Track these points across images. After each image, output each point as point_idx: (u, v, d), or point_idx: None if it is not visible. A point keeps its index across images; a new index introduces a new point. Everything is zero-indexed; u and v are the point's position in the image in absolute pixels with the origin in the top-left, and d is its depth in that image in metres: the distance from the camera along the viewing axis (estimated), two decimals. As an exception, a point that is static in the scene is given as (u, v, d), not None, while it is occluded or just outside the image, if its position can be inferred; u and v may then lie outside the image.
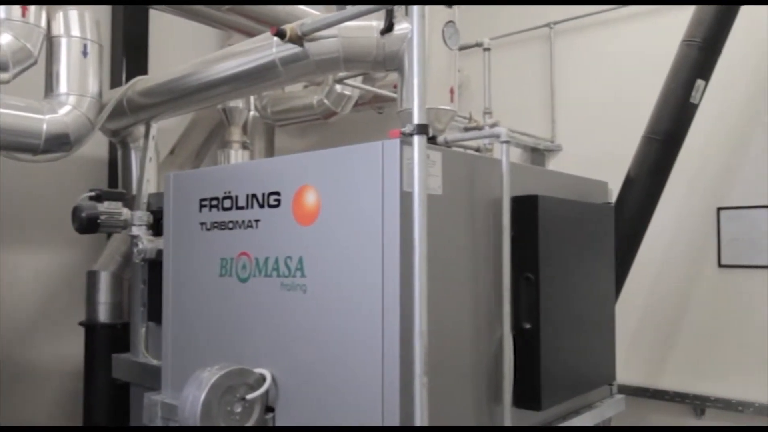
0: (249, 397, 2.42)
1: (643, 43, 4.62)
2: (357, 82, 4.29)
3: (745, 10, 3.63)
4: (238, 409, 2.40)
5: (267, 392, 2.46)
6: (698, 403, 4.31)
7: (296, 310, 2.43)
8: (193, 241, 2.87)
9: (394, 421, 2.10)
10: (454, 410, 2.35)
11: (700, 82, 3.55)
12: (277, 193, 2.51)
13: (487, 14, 5.35)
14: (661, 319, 4.53)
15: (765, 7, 4.13)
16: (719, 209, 4.33)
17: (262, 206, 2.57)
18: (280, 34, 2.53)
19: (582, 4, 4.86)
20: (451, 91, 2.61)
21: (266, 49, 2.92)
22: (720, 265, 4.32)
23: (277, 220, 2.51)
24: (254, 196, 2.60)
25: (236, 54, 3.14)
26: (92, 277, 4.06)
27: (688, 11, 3.68)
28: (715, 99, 4.02)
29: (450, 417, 2.32)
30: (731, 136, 4.29)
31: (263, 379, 2.47)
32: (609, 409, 3.32)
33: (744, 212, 4.24)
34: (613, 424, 3.60)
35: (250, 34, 3.66)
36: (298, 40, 2.55)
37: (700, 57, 3.54)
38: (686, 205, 4.42)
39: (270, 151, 5.24)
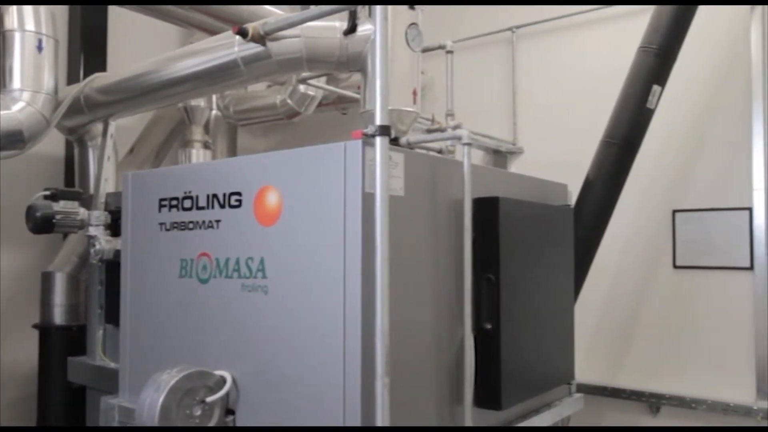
0: (209, 399, 2.39)
1: (602, 48, 4.72)
2: (320, 82, 4.27)
3: (699, 18, 3.73)
4: (198, 412, 2.37)
5: (227, 394, 2.44)
6: (654, 400, 4.41)
7: (257, 311, 2.41)
8: (152, 242, 2.83)
9: (356, 422, 2.10)
10: (415, 410, 2.36)
11: (656, 88, 3.63)
12: (239, 194, 2.49)
13: (451, 17, 5.40)
14: (618, 319, 4.62)
15: (719, 15, 4.26)
16: (674, 212, 4.44)
17: (223, 206, 2.55)
18: (242, 33, 2.50)
19: (543, 4, 4.93)
20: (414, 93, 2.63)
21: (228, 47, 2.88)
22: (675, 267, 4.44)
23: (239, 221, 2.49)
24: (215, 196, 2.57)
25: (198, 52, 3.10)
26: (47, 279, 3.96)
27: (646, 18, 3.77)
28: (671, 104, 4.13)
29: (411, 417, 2.33)
30: (686, 140, 4.41)
31: (224, 381, 2.44)
32: (568, 408, 3.38)
33: (698, 215, 4.36)
34: (572, 422, 3.66)
35: (213, 32, 3.62)
36: (260, 39, 2.53)
37: (656, 63, 3.62)
38: (643, 207, 4.52)
39: (232, 151, 5.18)
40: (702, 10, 3.75)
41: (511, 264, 2.68)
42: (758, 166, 4.08)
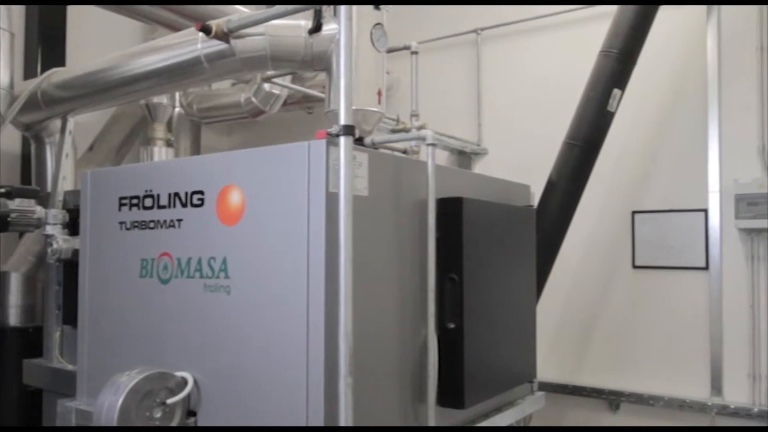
0: (170, 401, 2.35)
1: (565, 51, 4.79)
2: (286, 81, 4.25)
3: (658, 24, 3.82)
4: (158, 414, 2.34)
5: (189, 396, 2.41)
6: (613, 398, 4.50)
7: (220, 311, 2.39)
8: (111, 241, 2.77)
9: (319, 422, 2.10)
10: (378, 410, 2.37)
11: (616, 91, 3.71)
12: (201, 192, 2.46)
13: (417, 18, 5.42)
14: (579, 318, 4.71)
15: (677, 21, 4.36)
16: (634, 213, 4.54)
17: (184, 205, 2.51)
18: (206, 30, 2.47)
19: (507, 4, 4.99)
20: (379, 93, 2.63)
21: (191, 44, 2.85)
22: (634, 266, 4.53)
23: (201, 220, 2.46)
24: (177, 195, 2.53)
25: (160, 48, 3.06)
26: (2, 279, 3.86)
27: (608, 23, 3.84)
28: (631, 108, 4.22)
29: (375, 417, 2.33)
30: (645, 143, 4.51)
31: (185, 382, 2.41)
32: (530, 406, 3.42)
33: (656, 216, 4.46)
34: (534, 420, 3.71)
35: (176, 28, 3.57)
36: (224, 36, 2.50)
37: (617, 67, 3.70)
38: (604, 208, 4.61)
39: (196, 149, 5.12)
40: (660, 16, 3.84)
41: (475, 264, 2.70)
42: (713, 168, 4.20)
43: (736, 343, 4.11)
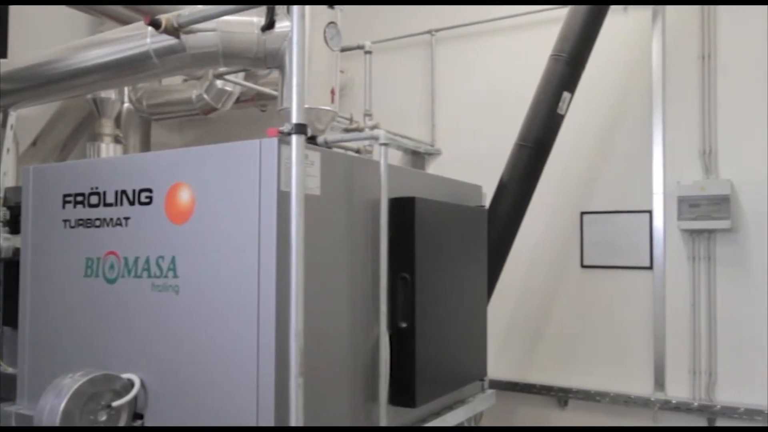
0: (115, 404, 2.29)
1: (517, 54, 4.87)
2: (239, 78, 4.19)
3: (605, 29, 3.93)
4: (103, 418, 2.28)
5: (135, 398, 2.35)
6: (562, 395, 4.60)
7: (168, 311, 2.35)
8: (55, 240, 2.69)
9: (269, 422, 2.08)
10: (330, 409, 2.36)
11: (566, 94, 3.79)
12: (149, 190, 2.41)
13: (372, 18, 5.42)
14: (529, 317, 4.79)
15: (624, 28, 4.49)
16: (582, 213, 4.65)
17: (132, 203, 2.46)
18: (155, 24, 2.43)
19: (460, 4, 5.04)
20: (332, 92, 2.62)
21: (140, 38, 2.79)
22: (582, 266, 4.64)
23: (149, 218, 2.41)
24: (124, 192, 2.48)
25: (108, 42, 2.98)
26: (-63, 279, 3.68)
27: (560, 27, 3.92)
28: (580, 111, 4.32)
29: (326, 416, 2.33)
30: (593, 145, 4.63)
31: (131, 384, 2.36)
32: (481, 404, 3.47)
33: (604, 217, 4.58)
34: (485, 417, 3.76)
35: (125, 22, 3.48)
36: (174, 31, 2.46)
37: (566, 71, 3.78)
38: (553, 209, 4.70)
39: (146, 146, 5.00)
40: (608, 22, 3.94)
41: (427, 263, 2.72)
42: (657, 171, 4.33)
43: (678, 341, 4.26)
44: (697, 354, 4.19)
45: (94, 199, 2.57)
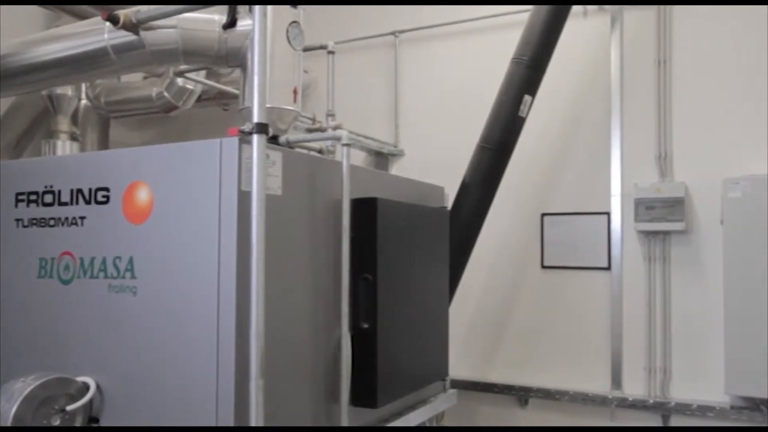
0: (69, 408, 2.24)
1: (480, 56, 4.91)
2: (200, 76, 4.14)
3: (566, 34, 3.99)
4: (57, 422, 2.22)
5: (91, 402, 2.30)
6: (522, 393, 4.66)
7: (125, 313, 2.31)
8: (7, 239, 2.62)
9: (228, 425, 2.06)
10: (290, 411, 2.35)
11: (527, 98, 3.84)
12: (106, 189, 2.37)
13: (336, 19, 5.41)
14: (491, 317, 4.84)
15: (584, 33, 4.57)
16: (543, 215, 4.72)
17: (88, 202, 2.41)
18: (113, 20, 2.38)
19: (422, 3, 5.06)
20: (295, 92, 2.61)
21: (98, 34, 2.73)
22: (543, 267, 4.71)
23: (105, 218, 2.37)
24: (80, 191, 2.43)
25: (64, 36, 2.90)
26: None
27: (521, 30, 3.97)
28: (541, 114, 4.38)
29: (286, 418, 2.32)
30: (553, 148, 4.70)
31: (86, 387, 2.31)
32: (442, 403, 3.50)
33: (564, 218, 4.66)
34: (447, 416, 3.79)
35: (82, 17, 3.40)
36: (132, 27, 2.41)
37: (527, 74, 3.83)
38: (515, 210, 4.76)
39: (104, 144, 4.89)
40: (569, 27, 4.01)
41: (389, 264, 2.73)
42: (615, 174, 4.42)
43: (634, 339, 4.35)
44: (652, 352, 4.30)
45: (48, 198, 2.51)
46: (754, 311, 3.78)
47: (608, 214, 4.46)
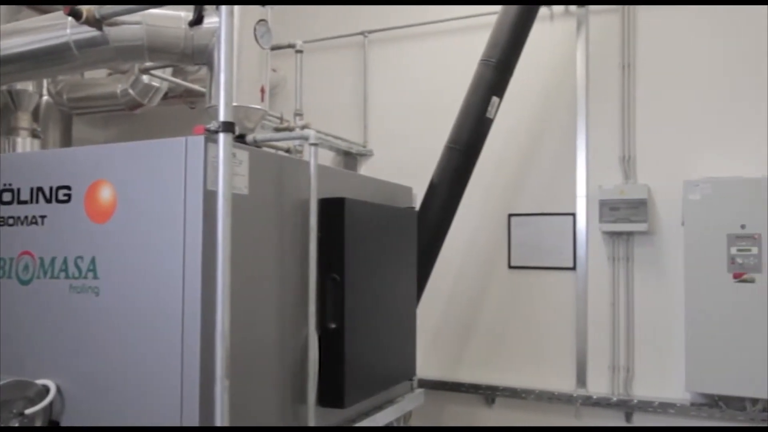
0: (28, 411, 2.19)
1: (449, 57, 4.94)
2: (166, 73, 4.08)
3: (533, 37, 4.04)
4: (15, 426, 2.16)
5: (51, 405, 2.25)
6: (489, 392, 4.70)
7: (87, 314, 2.26)
8: (-37, 239, 2.54)
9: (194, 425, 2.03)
10: (257, 411, 2.33)
11: (495, 99, 3.88)
12: (68, 187, 2.32)
13: (305, 18, 5.39)
14: (458, 317, 4.87)
15: (551, 36, 4.63)
16: (510, 215, 4.77)
17: (49, 201, 2.35)
18: (75, 15, 2.33)
19: (391, 3, 5.07)
20: (262, 91, 2.59)
21: (59, 29, 2.66)
22: (510, 267, 4.76)
23: (67, 217, 2.32)
24: (40, 189, 2.37)
25: (24, 31, 2.83)
26: None
27: (489, 32, 4.00)
28: (508, 116, 4.43)
29: (253, 418, 2.30)
30: (520, 149, 4.75)
31: (46, 390, 2.25)
32: (410, 403, 3.51)
33: (530, 219, 4.71)
34: (414, 416, 3.81)
35: (44, 11, 3.32)
36: (95, 23, 2.37)
37: (495, 76, 3.87)
38: (482, 211, 4.80)
39: (67, 142, 4.80)
40: (536, 30, 4.06)
41: (356, 264, 2.73)
42: (581, 175, 4.50)
43: (599, 338, 4.43)
44: (616, 351, 4.38)
45: (6, 197, 2.45)
46: (713, 310, 3.88)
47: (574, 215, 4.53)
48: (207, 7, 2.48)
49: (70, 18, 2.44)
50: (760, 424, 3.90)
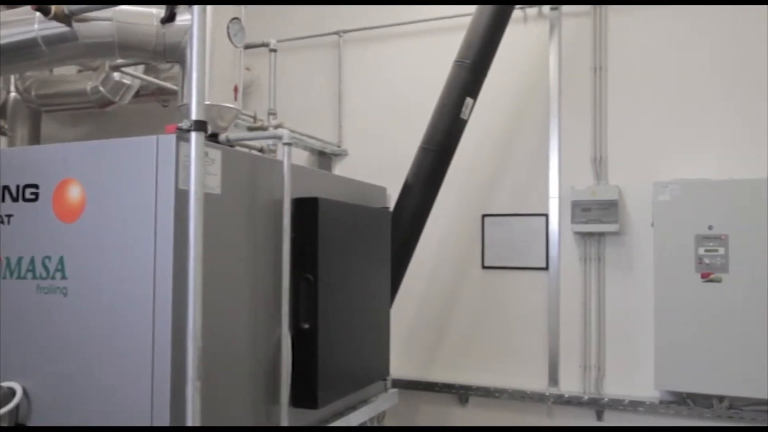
0: (-7, 414, 2.14)
1: (424, 58, 4.95)
2: (138, 71, 4.02)
3: (506, 39, 4.07)
4: (-21, 429, 2.12)
5: (17, 408, 2.21)
6: (463, 392, 4.72)
7: (55, 315, 2.23)
8: (-74, 238, 2.47)
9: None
10: (230, 412, 2.32)
11: (469, 100, 3.90)
12: (35, 186, 2.27)
13: (280, 17, 5.36)
14: (432, 317, 4.89)
15: (524, 38, 4.67)
16: (484, 216, 4.80)
17: (15, 200, 2.31)
18: (44, 10, 2.28)
19: (371, 3, 5.08)
20: (236, 89, 2.57)
21: (27, 24, 2.61)
22: (483, 267, 4.79)
23: (34, 216, 2.27)
24: (6, 188, 2.33)
25: (-10, 26, 2.77)
26: None
27: (464, 33, 4.02)
28: (482, 117, 4.45)
29: (225, 419, 2.28)
30: (494, 150, 4.79)
31: (12, 393, 2.21)
32: (384, 403, 3.51)
33: (504, 219, 4.75)
34: (388, 416, 3.81)
35: (12, 5, 3.25)
36: (64, 18, 2.33)
37: (469, 77, 3.89)
38: (456, 211, 4.82)
39: (35, 139, 4.71)
40: (509, 32, 4.09)
41: (330, 264, 2.72)
42: (553, 177, 4.54)
43: (571, 337, 4.48)
44: (587, 350, 4.43)
45: (-28, 195, 2.39)
46: (681, 310, 3.95)
47: (546, 215, 4.58)
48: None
49: (38, 13, 2.40)
50: (727, 421, 3.98)
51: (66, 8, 2.31)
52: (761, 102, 4.11)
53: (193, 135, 2.00)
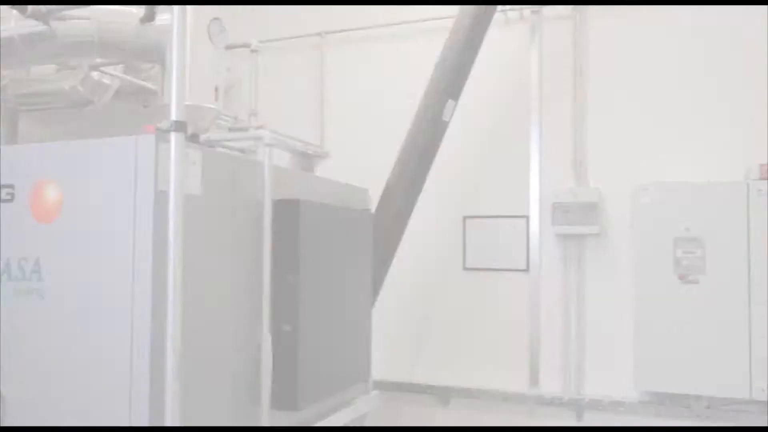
0: (-33, 418, 2.11)
1: (407, 60, 4.95)
2: (118, 70, 3.98)
3: (489, 42, 4.09)
4: (-48, 434, 2.09)
5: (-8, 410, 2.18)
6: (444, 393, 4.73)
7: (31, 317, 2.20)
8: None
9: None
10: (210, 414, 2.30)
11: (451, 102, 3.91)
12: (11, 186, 2.25)
13: (262, 18, 5.32)
14: (414, 318, 4.89)
15: (505, 42, 4.70)
16: (465, 218, 4.81)
17: (-9, 200, 2.27)
18: (20, 8, 2.25)
19: (350, 4, 5.07)
20: (216, 90, 2.56)
21: (4, 22, 2.58)
22: (465, 268, 4.80)
23: (10, 217, 2.25)
24: (-18, 188, 2.28)
25: (-35, 24, 2.73)
26: None
27: (446, 35, 4.03)
28: (464, 119, 4.46)
29: (205, 421, 2.26)
30: (476, 152, 4.80)
31: (-13, 396, 2.18)
32: (365, 405, 3.51)
33: (486, 221, 4.76)
34: (370, 417, 3.80)
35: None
36: (42, 16, 2.30)
37: (451, 79, 3.90)
38: (438, 213, 4.83)
39: (12, 139, 4.64)
40: (491, 35, 4.10)
41: (311, 266, 2.71)
42: (534, 179, 4.57)
43: (551, 338, 4.50)
44: (568, 350, 4.46)
45: (-54, 195, 2.35)
46: (660, 311, 3.99)
47: (527, 217, 4.60)
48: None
49: (14, 11, 2.37)
50: (705, 421, 4.03)
51: (43, 6, 2.29)
52: (739, 106, 4.17)
53: (173, 135, 1.99)
